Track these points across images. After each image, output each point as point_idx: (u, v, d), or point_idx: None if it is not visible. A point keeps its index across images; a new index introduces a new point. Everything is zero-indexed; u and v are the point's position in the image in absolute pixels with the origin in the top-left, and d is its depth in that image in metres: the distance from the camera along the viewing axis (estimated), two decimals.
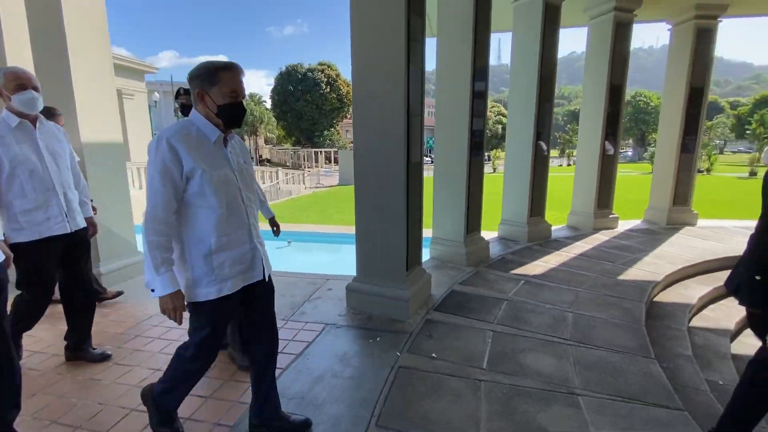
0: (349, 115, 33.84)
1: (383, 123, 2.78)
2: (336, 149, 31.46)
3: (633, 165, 33.58)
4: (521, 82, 4.94)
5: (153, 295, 1.42)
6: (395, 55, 2.65)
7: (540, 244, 4.98)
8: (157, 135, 1.43)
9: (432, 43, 4.08)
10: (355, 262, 3.10)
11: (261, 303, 1.68)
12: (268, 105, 37.83)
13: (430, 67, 3.54)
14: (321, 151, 31.89)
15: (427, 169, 5.66)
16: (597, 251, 4.74)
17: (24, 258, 2.05)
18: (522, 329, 2.79)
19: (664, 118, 6.28)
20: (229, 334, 2.33)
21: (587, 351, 2.54)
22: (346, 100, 34.80)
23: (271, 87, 36.62)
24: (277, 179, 17.66)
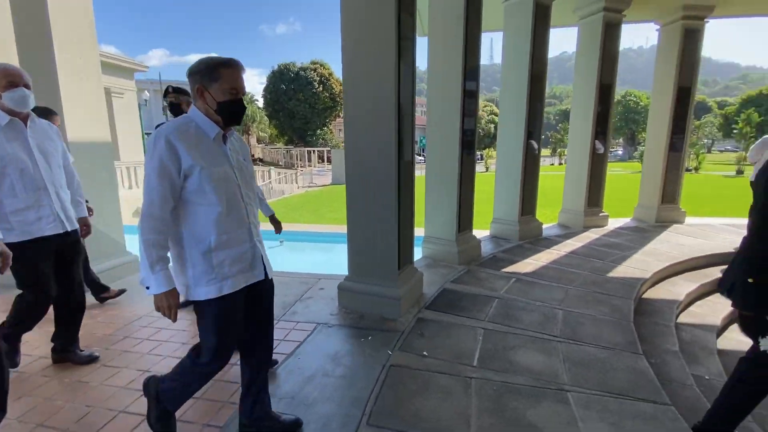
0: (342, 114, 33.65)
1: (374, 122, 2.77)
2: (329, 148, 31.37)
3: (623, 164, 33.98)
4: (512, 81, 4.97)
5: (148, 293, 1.41)
6: (386, 53, 2.64)
7: (531, 242, 5.01)
8: (156, 132, 1.41)
9: (423, 42, 4.09)
10: (347, 261, 3.10)
11: (262, 303, 1.67)
12: (260, 104, 37.55)
13: (421, 67, 3.55)
14: (314, 151, 31.70)
15: (419, 168, 5.68)
16: (587, 249, 4.79)
17: (15, 259, 2.01)
18: (512, 327, 2.81)
19: (652, 117, 6.36)
20: None
21: (577, 347, 2.56)
22: (338, 99, 34.65)
23: (264, 86, 36.40)
24: (270, 179, 17.57)
